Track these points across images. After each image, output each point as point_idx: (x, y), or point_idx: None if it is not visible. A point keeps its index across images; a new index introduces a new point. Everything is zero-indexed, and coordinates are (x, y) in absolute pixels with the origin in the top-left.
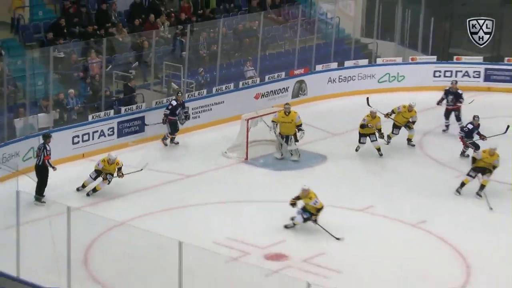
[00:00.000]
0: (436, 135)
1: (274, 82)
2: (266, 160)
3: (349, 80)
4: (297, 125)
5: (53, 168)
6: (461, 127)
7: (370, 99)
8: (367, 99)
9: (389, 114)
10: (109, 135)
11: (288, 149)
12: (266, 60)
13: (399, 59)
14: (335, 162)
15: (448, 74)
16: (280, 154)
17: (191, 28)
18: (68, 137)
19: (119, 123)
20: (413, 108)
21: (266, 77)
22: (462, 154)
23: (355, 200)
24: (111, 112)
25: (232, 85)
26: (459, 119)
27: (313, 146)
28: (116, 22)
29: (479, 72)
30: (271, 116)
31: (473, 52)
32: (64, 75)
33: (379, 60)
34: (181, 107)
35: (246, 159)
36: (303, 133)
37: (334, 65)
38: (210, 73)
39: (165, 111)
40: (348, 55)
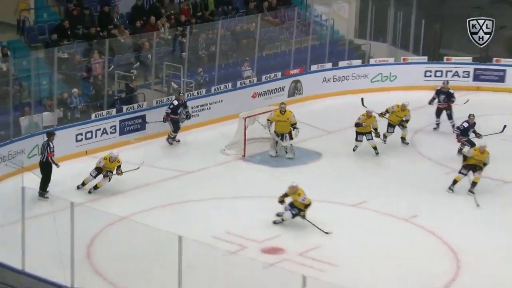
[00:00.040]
0: (427, 133)
1: (270, 82)
2: (263, 157)
3: (343, 80)
4: (292, 123)
5: (56, 165)
6: (456, 126)
7: (364, 100)
8: (362, 99)
9: (383, 113)
10: (111, 133)
11: (283, 145)
12: (263, 61)
13: (391, 60)
14: (330, 159)
15: (438, 74)
16: (275, 152)
17: (190, 29)
18: (72, 135)
19: (121, 121)
20: (406, 107)
21: (263, 77)
22: (459, 152)
23: (349, 195)
24: (113, 111)
25: (230, 84)
26: (450, 117)
27: (308, 144)
28: (118, 24)
29: (469, 72)
30: (267, 114)
31: (463, 52)
32: (68, 75)
33: (372, 61)
34: (183, 106)
35: (243, 156)
36: (297, 132)
37: (329, 65)
38: (209, 73)
39: (167, 110)
40: (342, 55)
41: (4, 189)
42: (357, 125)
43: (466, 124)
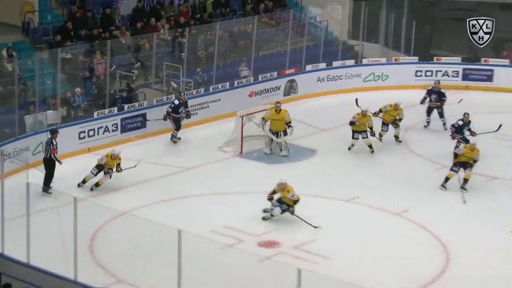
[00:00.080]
0: (417, 131)
1: (267, 81)
2: (259, 154)
3: (336, 79)
4: (287, 122)
5: (59, 162)
6: (451, 124)
7: (358, 100)
8: (356, 100)
9: (377, 113)
10: (113, 131)
11: (277, 141)
12: (259, 61)
13: (384, 60)
14: (324, 155)
15: (428, 73)
16: (269, 150)
17: (189, 31)
18: (75, 132)
19: (122, 119)
20: (398, 106)
21: (260, 77)
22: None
23: (342, 191)
24: (115, 109)
25: (227, 84)
26: (442, 115)
27: (303, 141)
28: (119, 26)
29: (458, 72)
30: (263, 113)
31: (452, 53)
32: (71, 75)
33: (364, 61)
34: (184, 106)
35: (240, 153)
36: (292, 130)
37: (323, 65)
38: (207, 73)
39: (168, 109)
40: (336, 56)
41: (10, 185)
42: (351, 123)
43: (460, 122)
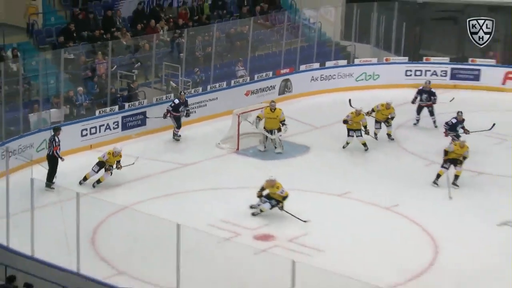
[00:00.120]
0: (407, 128)
1: (262, 81)
2: (255, 150)
3: (329, 79)
4: (281, 120)
5: (61, 158)
6: (444, 122)
7: (352, 100)
8: (350, 101)
9: (370, 112)
10: (114, 128)
11: (272, 138)
12: (255, 61)
13: (375, 60)
14: (317, 152)
15: (418, 73)
16: (263, 147)
17: (187, 32)
18: (77, 130)
19: (123, 117)
20: (390, 105)
21: (255, 76)
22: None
23: (334, 186)
24: (116, 108)
25: (224, 83)
26: (432, 114)
27: (297, 138)
28: (120, 27)
29: (446, 71)
30: (259, 111)
31: (441, 53)
32: (73, 74)
33: (356, 61)
34: (184, 105)
35: (237, 149)
36: (286, 128)
37: (316, 65)
38: (205, 72)
39: (168, 108)
40: (329, 56)
41: (15, 180)
42: (345, 121)
43: (454, 120)
